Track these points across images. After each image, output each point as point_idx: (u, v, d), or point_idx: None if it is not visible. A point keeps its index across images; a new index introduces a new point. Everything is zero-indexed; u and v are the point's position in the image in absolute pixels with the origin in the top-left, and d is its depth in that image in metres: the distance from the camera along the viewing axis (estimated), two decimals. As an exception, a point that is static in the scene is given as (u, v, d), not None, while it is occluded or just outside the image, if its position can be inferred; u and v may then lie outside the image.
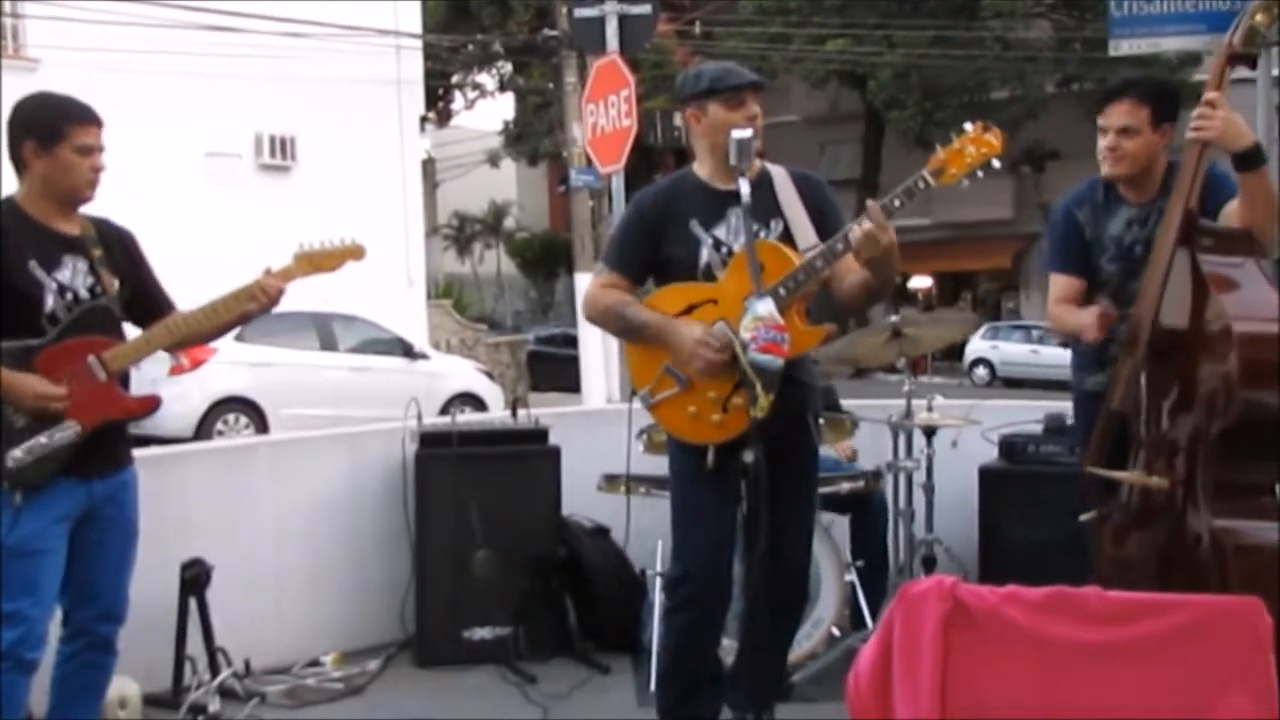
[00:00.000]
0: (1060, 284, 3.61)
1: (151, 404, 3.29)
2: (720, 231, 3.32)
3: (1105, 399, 3.35)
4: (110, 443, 3.19)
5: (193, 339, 3.38)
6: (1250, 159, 3.10)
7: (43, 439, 3.01)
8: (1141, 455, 3.23)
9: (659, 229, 3.37)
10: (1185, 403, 3.10)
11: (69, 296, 3.11)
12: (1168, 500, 3.10)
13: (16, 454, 2.98)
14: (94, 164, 3.13)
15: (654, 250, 3.38)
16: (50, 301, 3.08)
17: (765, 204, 3.29)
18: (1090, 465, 3.33)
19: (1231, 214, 3.24)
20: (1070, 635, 2.38)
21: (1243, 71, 3.29)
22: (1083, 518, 3.40)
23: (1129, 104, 3.43)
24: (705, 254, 3.32)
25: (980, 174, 3.09)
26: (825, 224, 3.30)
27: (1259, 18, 3.09)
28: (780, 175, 3.38)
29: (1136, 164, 3.46)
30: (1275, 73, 6.64)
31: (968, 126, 3.10)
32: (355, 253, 3.39)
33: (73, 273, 3.13)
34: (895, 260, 3.10)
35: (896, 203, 3.08)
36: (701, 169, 3.42)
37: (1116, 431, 3.31)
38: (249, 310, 3.26)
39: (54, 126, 3.08)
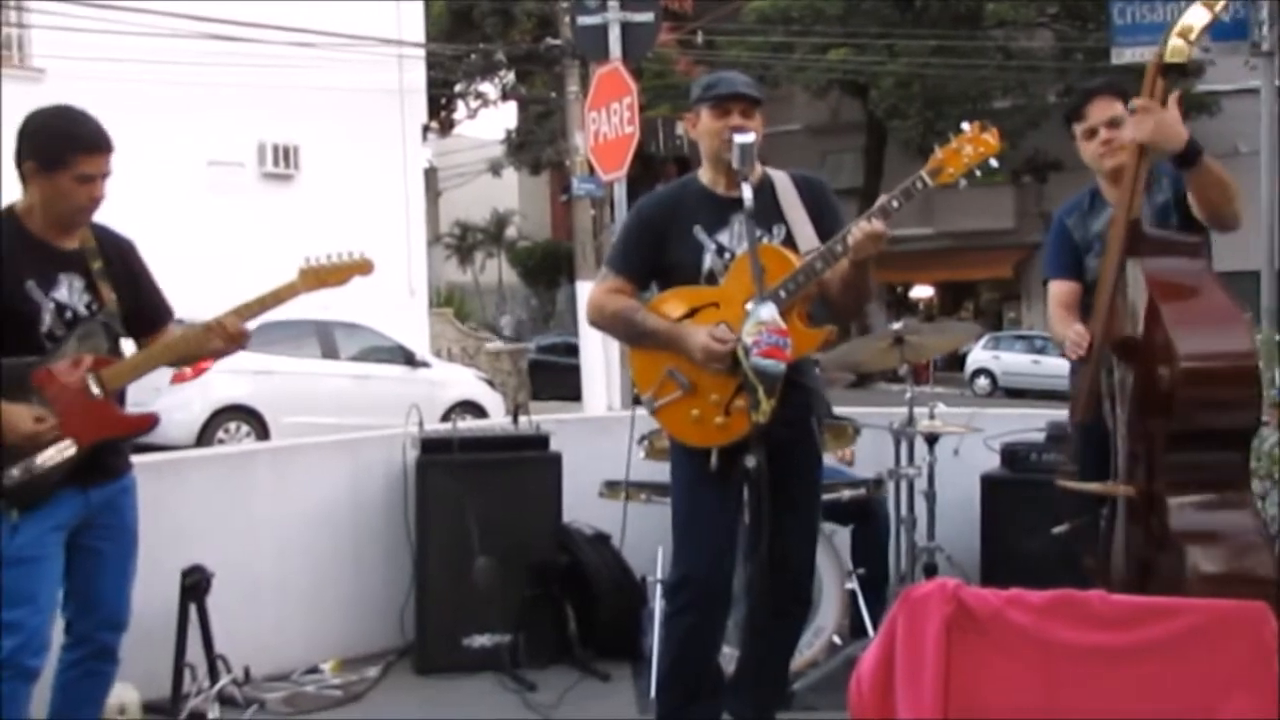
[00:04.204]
0: (1056, 289, 3.68)
1: (148, 422, 3.26)
2: (723, 237, 3.33)
3: (1069, 414, 3.36)
4: (108, 454, 3.17)
5: (191, 358, 3.33)
6: (1187, 158, 3.09)
7: (39, 458, 3.00)
8: (1121, 464, 3.23)
9: (662, 234, 3.39)
10: (1148, 409, 3.09)
11: (67, 315, 3.09)
12: (1141, 508, 3.10)
13: (14, 473, 2.96)
14: (92, 192, 3.06)
15: (657, 255, 3.39)
16: (48, 320, 3.06)
17: (768, 209, 3.30)
18: (1060, 479, 3.36)
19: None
20: (1074, 638, 2.37)
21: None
22: (1055, 530, 3.42)
23: (1105, 100, 3.50)
24: (709, 259, 3.33)
25: (979, 173, 3.10)
26: (824, 226, 3.31)
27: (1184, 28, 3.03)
28: (782, 180, 3.39)
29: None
30: (1278, 83, 6.64)
31: (965, 126, 3.13)
32: (363, 267, 3.29)
33: (69, 290, 3.10)
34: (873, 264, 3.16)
35: (895, 203, 3.10)
36: (704, 175, 3.44)
37: (1095, 443, 3.31)
38: (216, 348, 3.20)
39: (58, 153, 3.01)
